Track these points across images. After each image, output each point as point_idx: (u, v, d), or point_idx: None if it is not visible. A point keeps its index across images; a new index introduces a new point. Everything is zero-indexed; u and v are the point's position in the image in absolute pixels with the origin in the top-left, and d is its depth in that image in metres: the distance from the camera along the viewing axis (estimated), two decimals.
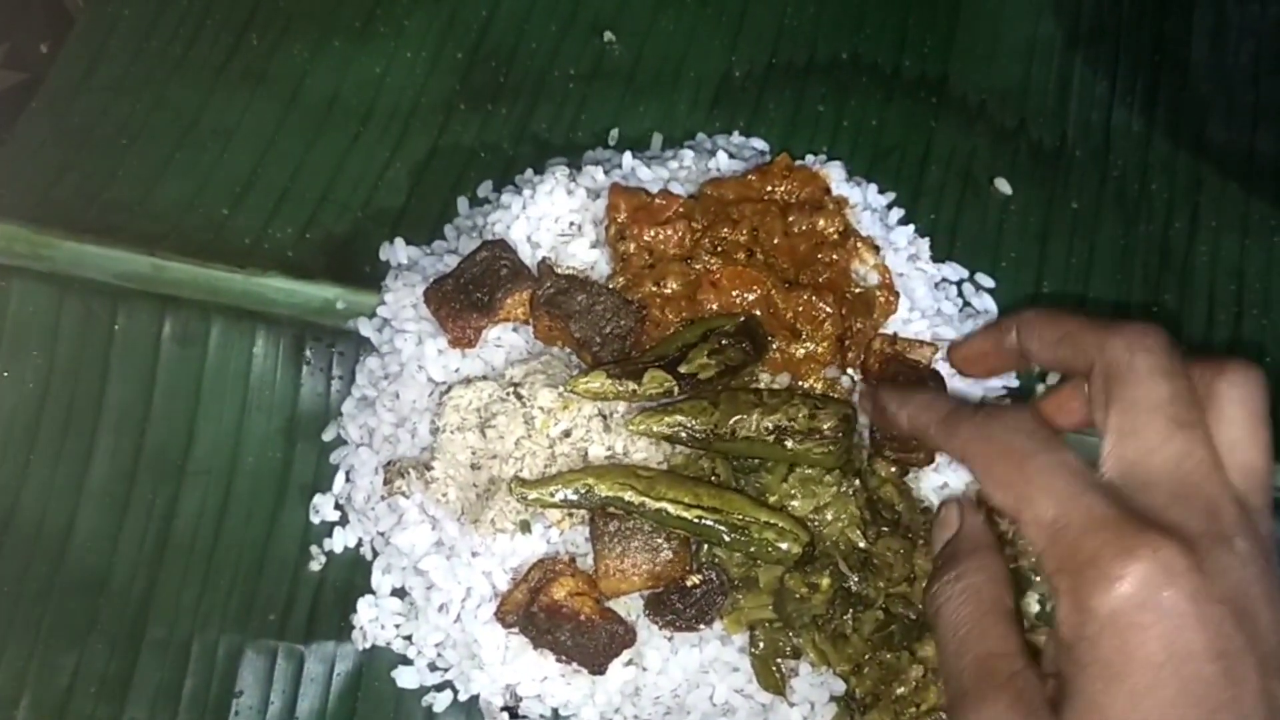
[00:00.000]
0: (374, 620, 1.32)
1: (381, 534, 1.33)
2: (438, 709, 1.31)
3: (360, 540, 1.37)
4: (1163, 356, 0.97)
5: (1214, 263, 1.60)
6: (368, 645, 1.33)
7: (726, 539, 1.20)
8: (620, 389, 1.23)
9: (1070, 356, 1.04)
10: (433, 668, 1.32)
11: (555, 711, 1.29)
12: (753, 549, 1.20)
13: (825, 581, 1.22)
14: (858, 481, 1.26)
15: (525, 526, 1.25)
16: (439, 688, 1.31)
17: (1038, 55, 1.72)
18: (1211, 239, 1.61)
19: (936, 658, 1.25)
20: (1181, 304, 1.57)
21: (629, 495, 1.19)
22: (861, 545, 1.24)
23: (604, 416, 1.26)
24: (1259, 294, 1.58)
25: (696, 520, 1.19)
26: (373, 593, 1.33)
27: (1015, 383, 1.44)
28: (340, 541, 1.37)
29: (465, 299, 1.33)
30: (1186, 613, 0.86)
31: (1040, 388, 1.48)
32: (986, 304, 1.50)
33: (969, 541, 1.10)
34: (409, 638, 1.32)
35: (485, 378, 1.30)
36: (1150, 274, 1.58)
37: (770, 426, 1.23)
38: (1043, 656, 1.00)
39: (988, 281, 1.52)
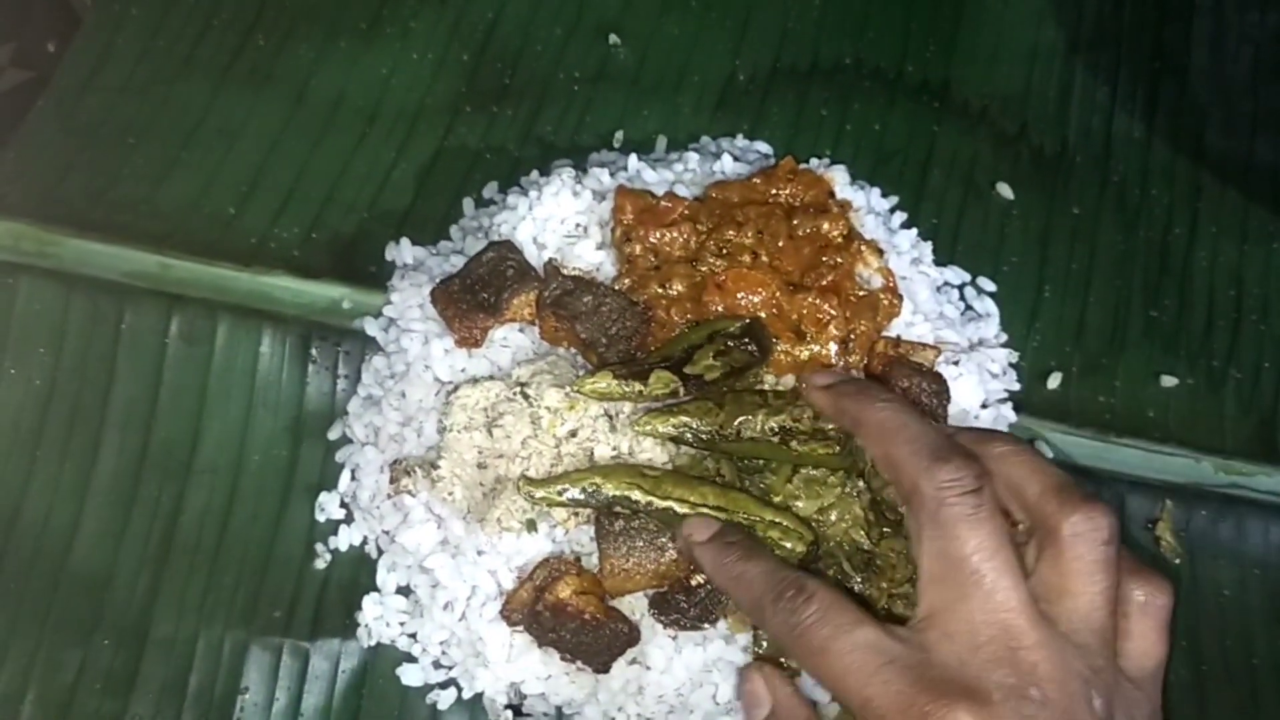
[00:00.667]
0: (379, 618, 1.33)
1: (386, 532, 1.34)
2: (442, 707, 1.31)
3: (365, 538, 1.37)
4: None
5: (1213, 268, 1.61)
6: (373, 643, 1.33)
7: None
8: (626, 389, 1.24)
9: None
10: (437, 665, 1.32)
11: (559, 710, 1.29)
12: None
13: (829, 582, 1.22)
14: (861, 483, 1.26)
15: (531, 525, 1.26)
16: (443, 685, 1.32)
17: (1039, 61, 1.74)
18: (1210, 245, 1.63)
19: None
20: (1181, 309, 1.58)
21: (635, 494, 1.20)
22: (865, 546, 1.25)
23: (610, 417, 1.27)
24: (1257, 300, 1.59)
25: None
26: (378, 590, 1.34)
27: (1016, 385, 1.46)
28: (345, 539, 1.37)
29: (472, 299, 1.34)
30: None
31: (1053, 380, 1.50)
32: (988, 307, 1.51)
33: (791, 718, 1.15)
34: (414, 635, 1.32)
35: (492, 377, 1.30)
36: (1150, 278, 1.60)
37: (775, 427, 1.23)
38: None
39: (990, 285, 1.54)
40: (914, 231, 1.51)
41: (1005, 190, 1.63)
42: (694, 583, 1.23)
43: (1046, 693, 0.97)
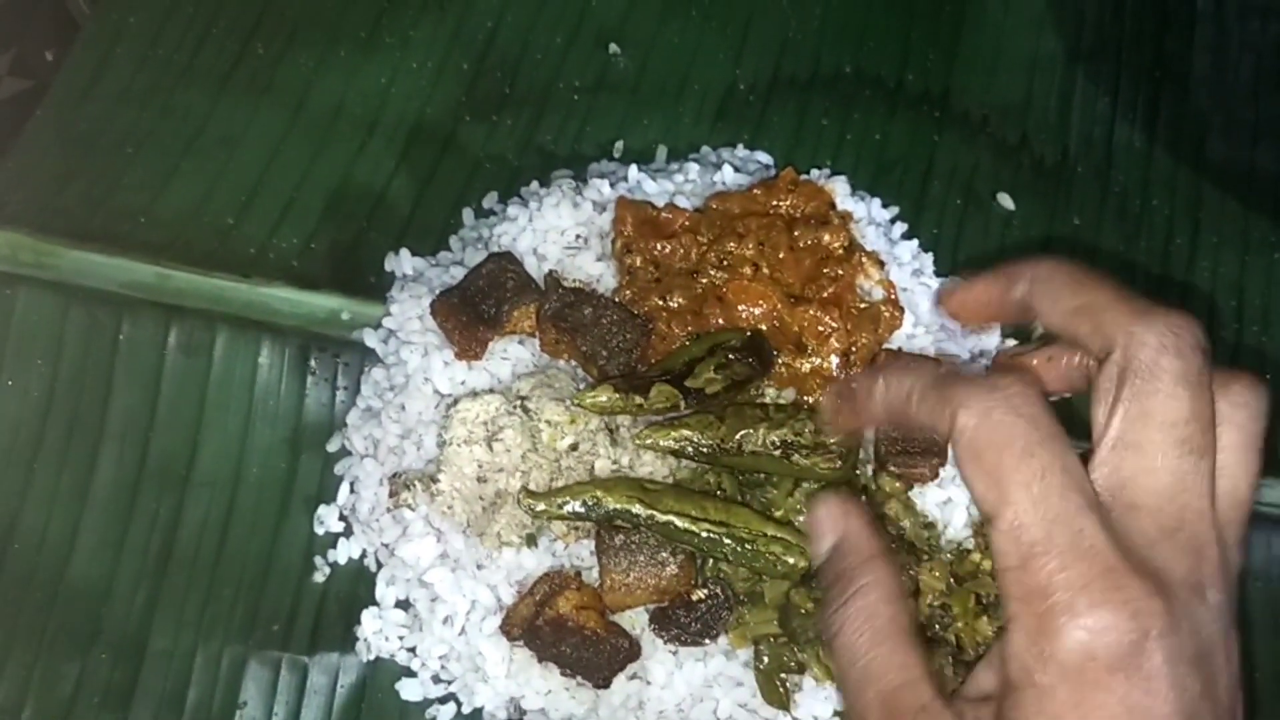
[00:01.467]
0: (378, 632, 1.32)
1: (386, 545, 1.34)
2: None
3: (364, 551, 1.37)
4: (1193, 363, 0.83)
5: (1214, 278, 1.61)
6: (371, 657, 1.33)
7: (733, 552, 1.20)
8: (627, 403, 1.23)
9: (1087, 333, 0.88)
10: (436, 680, 1.32)
11: None
12: (759, 563, 1.21)
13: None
14: (863, 497, 1.26)
15: (531, 540, 1.25)
16: (442, 700, 1.31)
17: (1039, 70, 1.73)
18: (1212, 255, 1.62)
19: (942, 674, 1.26)
20: None
21: (636, 508, 1.20)
22: None
23: (610, 430, 1.26)
24: (1259, 310, 1.59)
25: (703, 533, 1.20)
26: (376, 604, 1.33)
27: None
28: (344, 553, 1.37)
29: (472, 311, 1.33)
30: (1159, 677, 0.77)
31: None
32: None
33: (855, 554, 0.93)
34: (413, 650, 1.32)
35: (492, 391, 1.30)
36: (1151, 288, 1.59)
37: (777, 441, 1.23)
38: (970, 679, 0.89)
39: None
40: (915, 242, 1.50)
41: (1006, 200, 1.63)
42: (695, 598, 1.22)
43: (1222, 600, 0.83)
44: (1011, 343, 1.47)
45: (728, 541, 1.20)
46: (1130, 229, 1.63)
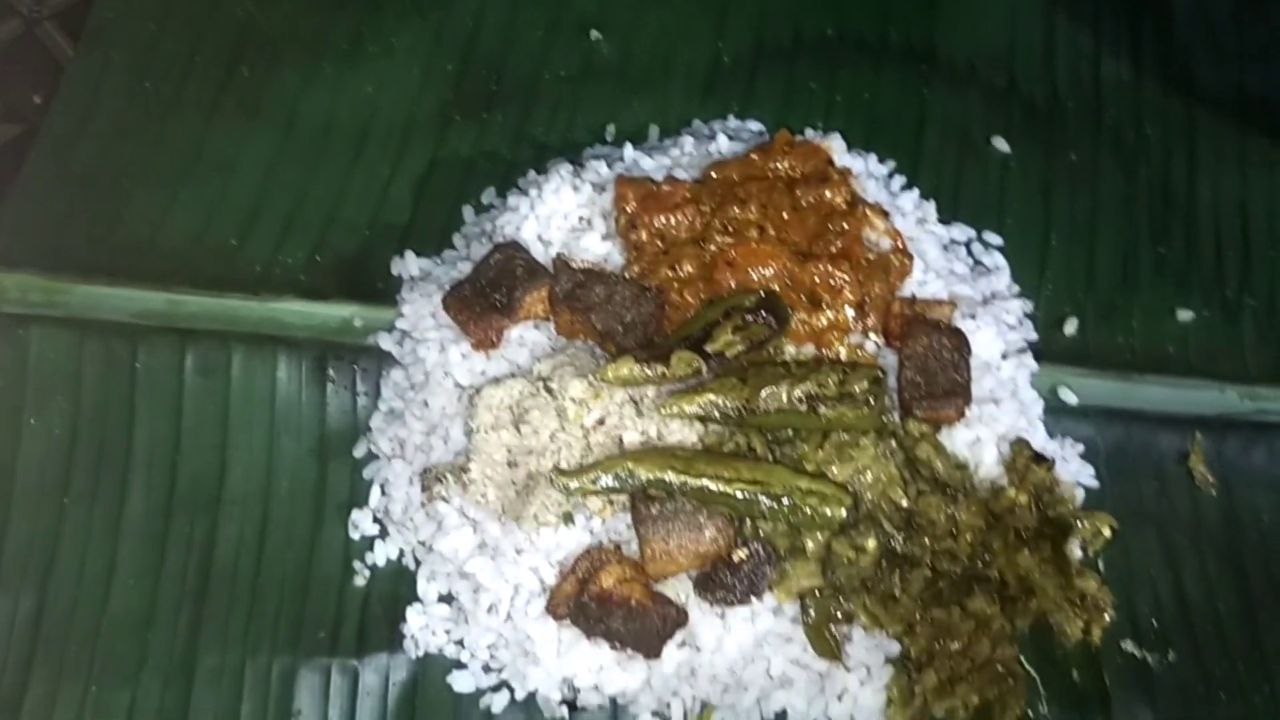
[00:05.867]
0: (424, 628, 1.32)
1: (422, 543, 1.34)
2: (496, 710, 1.31)
3: (402, 551, 1.37)
4: None
5: (1216, 200, 1.61)
6: (420, 653, 1.33)
7: (770, 509, 1.21)
8: (649, 373, 1.24)
9: None
10: (487, 669, 1.32)
11: (613, 701, 1.29)
12: (796, 517, 1.21)
13: (871, 543, 1.22)
14: (893, 442, 1.26)
15: (568, 518, 1.25)
16: (495, 689, 1.31)
17: (1021, 14, 1.74)
18: (1212, 177, 1.63)
19: (986, 611, 1.26)
20: (1189, 243, 1.58)
21: (669, 475, 1.20)
22: (904, 504, 1.25)
23: (635, 402, 1.27)
24: (1264, 226, 1.59)
25: (738, 494, 1.20)
26: (420, 601, 1.33)
27: (1034, 335, 1.46)
28: (382, 554, 1.37)
29: (485, 302, 1.34)
30: None
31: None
32: (997, 261, 1.52)
33: None
34: (460, 642, 1.32)
35: (514, 375, 1.30)
36: (1155, 216, 1.60)
37: (802, 396, 1.23)
38: None
39: (996, 239, 1.54)
40: (915, 192, 1.51)
41: (1001, 144, 1.63)
42: (736, 558, 1.22)
43: None
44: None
45: (763, 499, 1.21)
46: (1127, 160, 1.64)
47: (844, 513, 1.20)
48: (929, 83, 1.68)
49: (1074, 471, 1.40)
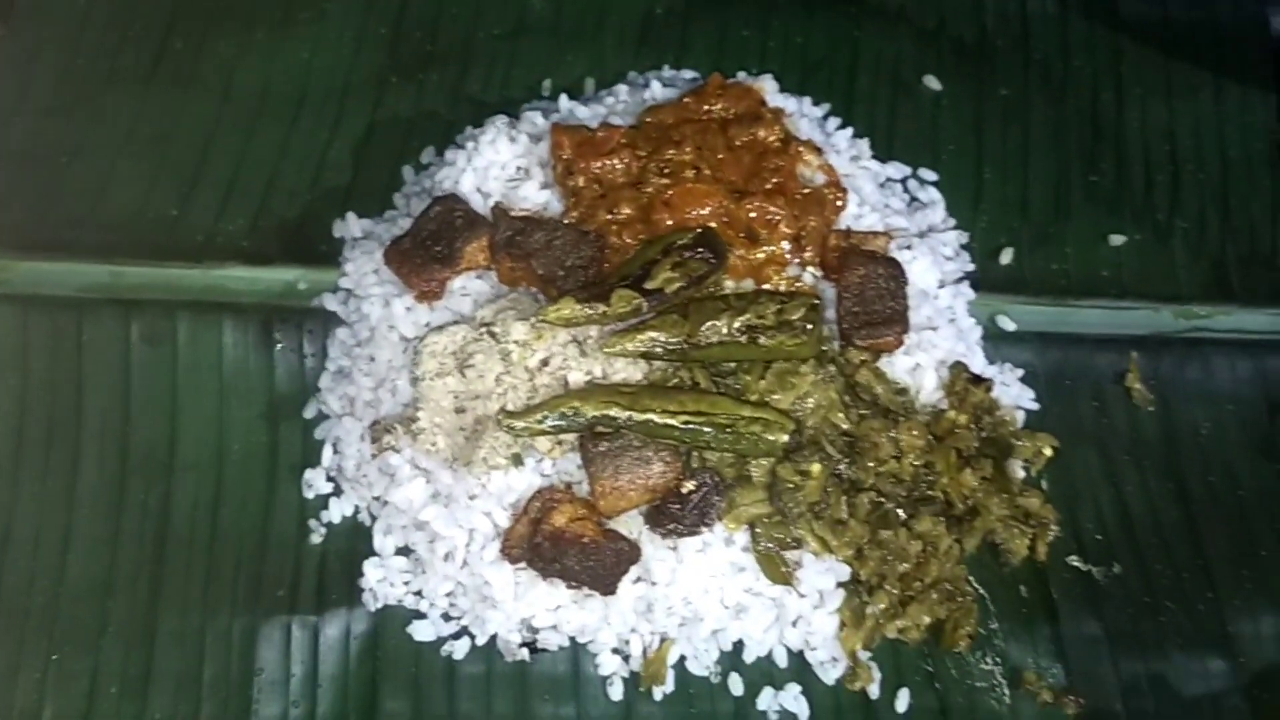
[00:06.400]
0: (382, 580, 1.33)
1: (377, 497, 1.35)
2: (457, 657, 1.32)
3: (357, 508, 1.38)
4: None
5: (1144, 127, 1.65)
6: (379, 606, 1.34)
7: (715, 438, 1.22)
8: (590, 312, 1.25)
9: None
10: (446, 618, 1.33)
11: (573, 640, 1.30)
12: (741, 445, 1.23)
13: (816, 468, 1.24)
14: (833, 368, 1.28)
15: (517, 460, 1.27)
16: (456, 636, 1.32)
17: None
18: (1139, 105, 1.66)
19: (933, 532, 1.29)
20: (1119, 170, 1.61)
21: (614, 411, 1.21)
22: (845, 428, 1.27)
23: (578, 343, 1.28)
24: (1191, 150, 1.63)
25: (684, 425, 1.22)
26: (377, 555, 1.34)
27: (970, 266, 1.48)
28: (337, 512, 1.38)
29: (425, 254, 1.35)
30: None
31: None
32: (933, 196, 1.54)
33: None
34: (419, 593, 1.33)
35: (458, 322, 1.31)
36: (1085, 146, 1.63)
37: (741, 327, 1.25)
38: None
39: (931, 175, 1.56)
40: (849, 131, 1.53)
41: (932, 82, 1.65)
42: (685, 490, 1.24)
43: None
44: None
45: (708, 429, 1.23)
46: (1056, 92, 1.67)
47: (786, 438, 1.22)
48: (860, 25, 1.70)
49: (1015, 395, 1.42)
